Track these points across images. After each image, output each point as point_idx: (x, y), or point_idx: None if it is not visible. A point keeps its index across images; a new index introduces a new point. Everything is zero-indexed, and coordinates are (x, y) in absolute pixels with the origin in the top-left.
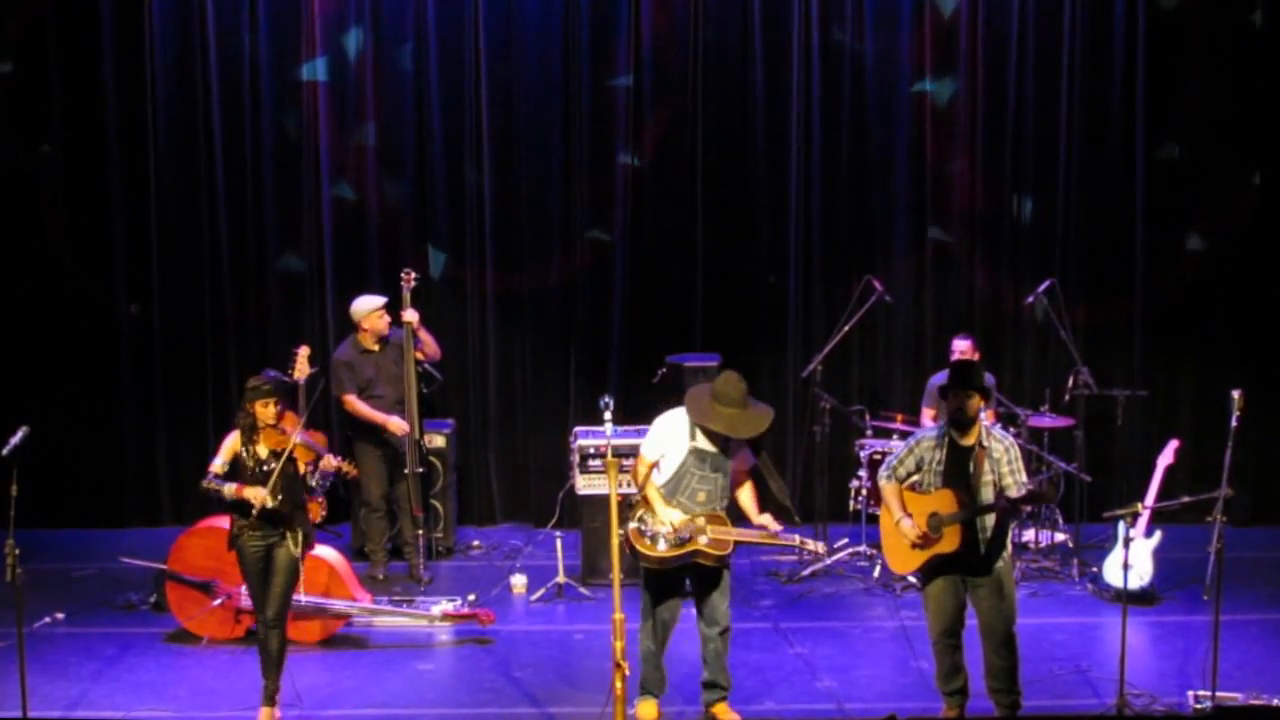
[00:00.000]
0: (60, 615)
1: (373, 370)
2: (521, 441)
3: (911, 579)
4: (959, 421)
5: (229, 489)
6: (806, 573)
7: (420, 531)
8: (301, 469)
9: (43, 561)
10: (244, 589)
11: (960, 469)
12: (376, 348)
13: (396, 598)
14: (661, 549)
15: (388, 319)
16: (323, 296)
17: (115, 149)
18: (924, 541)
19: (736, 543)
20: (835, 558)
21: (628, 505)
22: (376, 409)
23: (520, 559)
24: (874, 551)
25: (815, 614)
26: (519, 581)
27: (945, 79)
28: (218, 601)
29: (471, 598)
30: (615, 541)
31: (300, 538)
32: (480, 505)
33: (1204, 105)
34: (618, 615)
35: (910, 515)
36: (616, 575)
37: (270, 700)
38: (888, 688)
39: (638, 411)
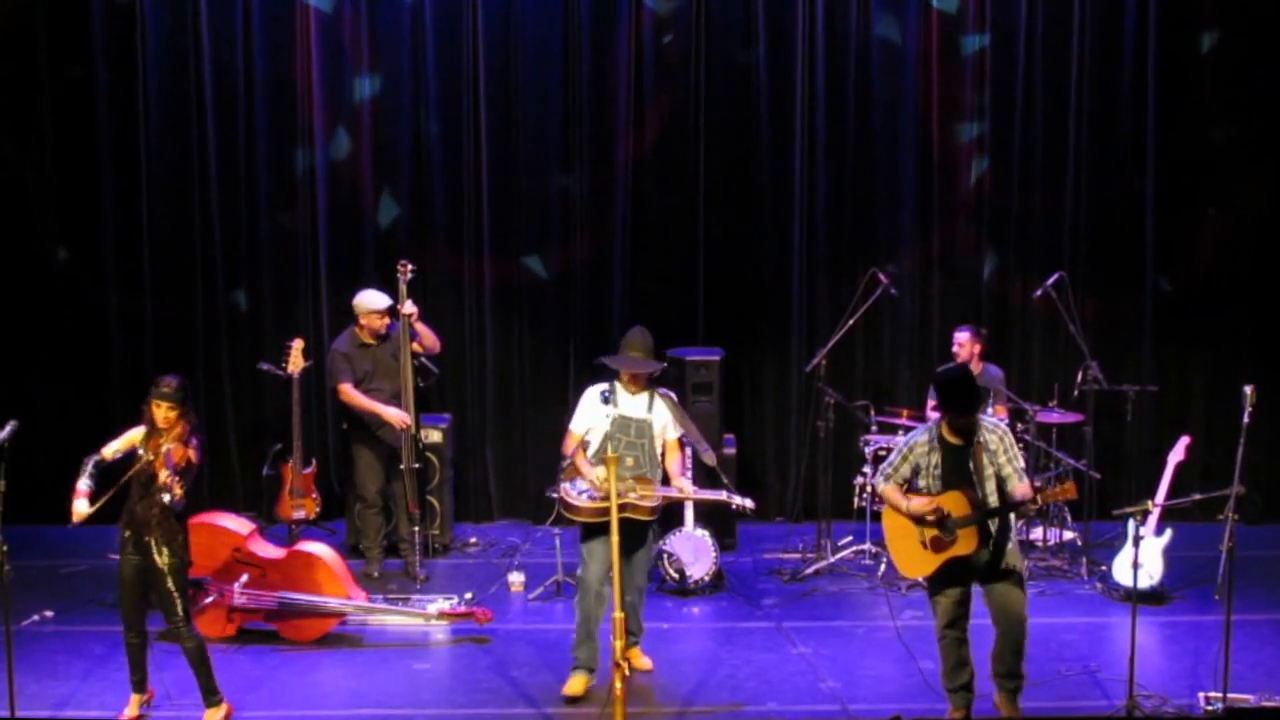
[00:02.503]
0: (49, 613)
1: (370, 364)
2: (519, 437)
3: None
4: (962, 434)
5: (80, 484)
6: (810, 571)
7: (416, 528)
8: (163, 478)
9: (31, 558)
10: (236, 586)
11: (960, 468)
12: (374, 342)
13: (392, 596)
14: (593, 503)
15: (388, 320)
16: (317, 290)
17: (106, 132)
18: (936, 545)
19: (665, 499)
20: (839, 555)
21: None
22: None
23: (518, 556)
24: (878, 550)
25: (818, 613)
26: (516, 579)
27: (953, 72)
28: (209, 599)
29: (468, 596)
30: (615, 539)
31: (165, 550)
32: (477, 502)
33: (1216, 81)
34: (617, 614)
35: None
36: (616, 574)
37: (207, 700)
38: (892, 688)
39: None
